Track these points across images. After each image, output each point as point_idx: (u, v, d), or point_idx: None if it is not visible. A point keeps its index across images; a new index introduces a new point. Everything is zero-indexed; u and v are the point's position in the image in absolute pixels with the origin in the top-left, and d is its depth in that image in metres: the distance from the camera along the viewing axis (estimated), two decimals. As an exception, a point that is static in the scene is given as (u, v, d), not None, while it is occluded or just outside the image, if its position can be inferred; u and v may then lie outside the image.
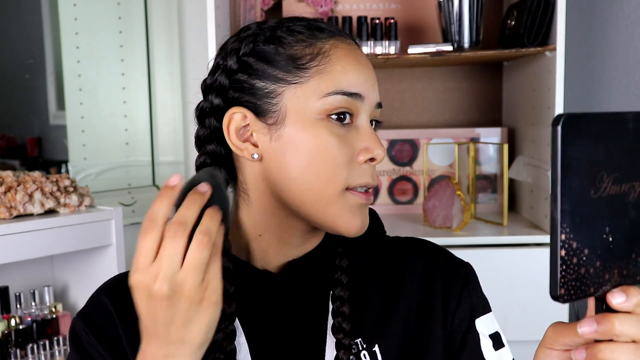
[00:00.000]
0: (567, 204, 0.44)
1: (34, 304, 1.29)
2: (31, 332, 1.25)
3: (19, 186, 1.17)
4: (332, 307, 0.68)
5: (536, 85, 1.47)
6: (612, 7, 1.47)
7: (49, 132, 1.59)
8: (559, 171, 0.43)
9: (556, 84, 1.33)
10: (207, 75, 0.71)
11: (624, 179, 0.47)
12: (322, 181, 0.64)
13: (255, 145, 0.67)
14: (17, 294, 1.27)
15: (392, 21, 1.47)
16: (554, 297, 0.45)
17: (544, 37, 1.39)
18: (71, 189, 1.25)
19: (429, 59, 1.47)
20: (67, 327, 1.28)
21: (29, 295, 1.29)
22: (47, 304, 1.30)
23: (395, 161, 1.68)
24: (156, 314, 0.53)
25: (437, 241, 0.78)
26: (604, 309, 0.48)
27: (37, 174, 1.22)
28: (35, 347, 1.24)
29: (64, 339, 1.29)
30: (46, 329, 1.27)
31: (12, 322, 1.22)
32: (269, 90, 0.66)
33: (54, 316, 1.30)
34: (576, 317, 1.47)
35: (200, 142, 0.70)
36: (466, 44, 1.43)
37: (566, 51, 1.34)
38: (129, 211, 1.62)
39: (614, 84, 1.47)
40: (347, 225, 0.66)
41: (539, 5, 1.35)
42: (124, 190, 1.67)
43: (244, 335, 0.68)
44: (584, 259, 0.45)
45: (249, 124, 0.67)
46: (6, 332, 1.21)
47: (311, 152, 0.64)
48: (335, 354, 0.66)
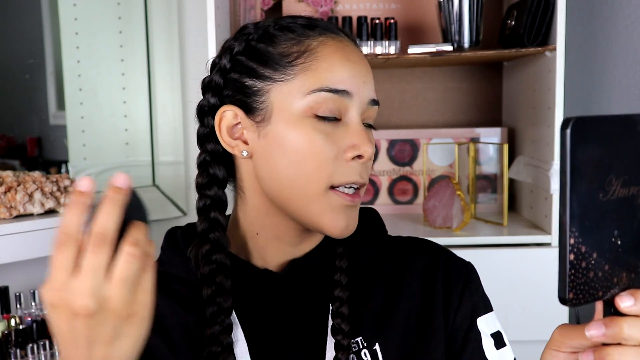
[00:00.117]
0: (576, 208, 0.44)
1: (34, 304, 1.29)
2: (31, 332, 1.25)
3: (19, 186, 1.17)
4: (332, 307, 0.68)
5: (536, 85, 1.47)
6: (612, 7, 1.47)
7: (49, 132, 1.59)
8: (568, 175, 0.43)
9: (556, 84, 1.33)
10: (207, 74, 0.72)
11: (632, 182, 0.46)
12: (305, 178, 0.64)
13: (245, 142, 0.67)
14: (17, 294, 1.27)
15: (392, 21, 1.47)
16: (563, 301, 0.45)
17: (544, 37, 1.39)
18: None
19: (429, 59, 1.47)
20: (67, 327, 1.28)
21: (29, 295, 1.29)
22: (47, 304, 1.30)
23: (395, 161, 1.68)
24: (78, 332, 0.48)
25: (437, 241, 0.78)
26: (612, 312, 0.48)
27: (37, 174, 1.22)
28: (35, 347, 1.23)
29: (64, 339, 1.28)
30: (46, 329, 1.27)
31: (12, 322, 1.22)
32: (257, 88, 0.66)
33: (54, 316, 1.30)
34: (576, 317, 1.47)
35: (200, 140, 0.71)
36: (466, 44, 1.43)
37: (566, 51, 1.34)
38: (129, 211, 1.62)
39: (614, 84, 1.47)
40: (330, 225, 0.65)
41: (539, 5, 1.35)
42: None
43: (241, 330, 0.68)
44: (593, 262, 0.45)
45: (240, 122, 0.67)
46: (6, 332, 1.21)
47: (295, 149, 0.64)
48: (334, 354, 0.66)
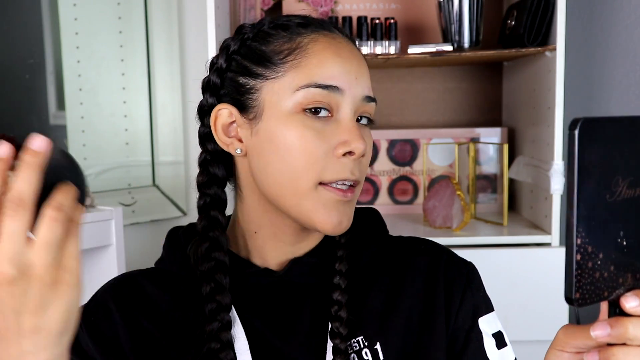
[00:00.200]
0: (583, 208, 0.44)
1: None
2: (31, 332, 1.25)
3: (19, 186, 1.17)
4: (331, 311, 0.68)
5: (536, 85, 1.47)
6: (612, 7, 1.47)
7: (49, 132, 1.59)
8: (575, 176, 0.43)
9: (556, 84, 1.33)
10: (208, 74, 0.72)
11: (638, 183, 0.46)
12: (295, 174, 0.64)
13: (240, 140, 0.68)
14: (17, 294, 1.27)
15: (392, 21, 1.47)
16: (569, 300, 0.45)
17: (544, 37, 1.39)
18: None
19: (429, 59, 1.47)
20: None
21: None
22: (47, 304, 1.30)
23: (395, 161, 1.68)
24: (3, 302, 0.46)
25: (437, 241, 0.79)
26: (617, 312, 0.48)
27: (37, 174, 1.22)
28: (35, 347, 1.23)
29: (64, 339, 1.28)
30: None
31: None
32: (250, 86, 0.67)
33: (54, 316, 1.29)
34: (576, 317, 1.47)
35: (201, 140, 0.72)
36: (466, 44, 1.43)
37: (566, 51, 1.34)
38: (129, 211, 1.62)
39: (614, 84, 1.47)
40: (322, 221, 0.65)
41: (539, 5, 1.35)
42: (124, 190, 1.66)
43: (242, 327, 0.68)
44: (599, 263, 0.45)
45: (235, 121, 0.68)
46: (6, 332, 1.21)
47: (285, 146, 0.64)
48: (332, 357, 0.66)
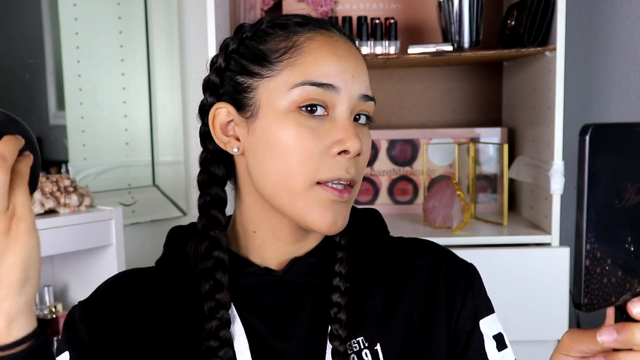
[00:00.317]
0: (593, 214, 0.44)
1: (34, 304, 1.29)
2: (31, 332, 1.25)
3: (19, 186, 1.17)
4: (330, 313, 0.68)
5: (536, 85, 1.47)
6: (612, 7, 1.47)
7: (49, 132, 1.59)
8: (585, 181, 0.43)
9: (556, 84, 1.33)
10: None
11: None
12: (290, 173, 0.64)
13: (237, 139, 0.68)
14: (17, 294, 1.27)
15: (392, 21, 1.47)
16: (578, 306, 0.45)
17: (544, 37, 1.39)
18: (71, 189, 1.25)
19: (429, 59, 1.47)
20: (67, 327, 1.28)
21: (29, 295, 1.29)
22: (47, 304, 1.30)
23: (395, 161, 1.68)
24: None
25: (437, 241, 0.78)
26: (623, 317, 0.48)
27: (37, 174, 1.22)
28: (35, 347, 1.23)
29: (64, 339, 1.29)
30: (46, 328, 1.27)
31: (12, 322, 1.22)
32: (246, 85, 0.67)
33: (54, 316, 1.29)
34: (576, 319, 1.47)
35: (202, 139, 0.72)
36: (466, 44, 1.43)
37: (566, 51, 1.34)
38: (129, 211, 1.62)
39: (614, 84, 1.47)
40: (317, 220, 0.64)
41: (539, 5, 1.35)
42: (124, 190, 1.66)
43: (241, 325, 0.68)
44: (607, 268, 0.45)
45: (233, 119, 0.68)
46: (6, 332, 1.21)
47: (280, 144, 0.64)
48: (331, 359, 0.66)
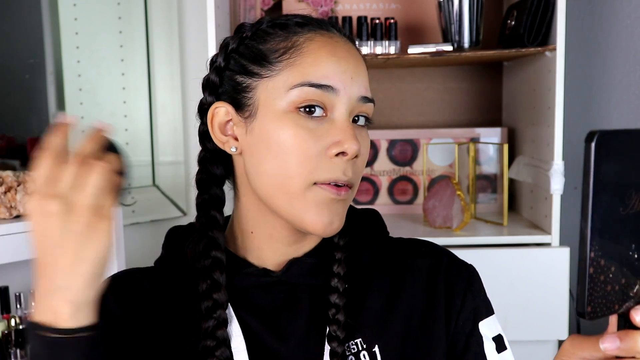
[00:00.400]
0: (597, 221, 0.43)
1: (34, 304, 1.29)
2: (31, 332, 1.25)
3: (19, 186, 1.17)
4: (328, 314, 0.68)
5: (536, 85, 1.47)
6: (612, 7, 1.47)
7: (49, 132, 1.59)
8: (591, 188, 0.43)
9: (556, 84, 1.33)
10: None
11: None
12: (287, 174, 0.63)
13: (236, 139, 0.68)
14: (17, 294, 1.27)
15: (392, 21, 1.47)
16: (581, 314, 0.45)
17: (544, 37, 1.39)
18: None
19: (429, 59, 1.47)
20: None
21: (29, 295, 1.29)
22: (47, 304, 1.30)
23: (395, 161, 1.68)
24: (48, 234, 0.55)
25: (437, 241, 0.78)
26: (626, 325, 0.47)
27: (37, 174, 1.22)
28: (35, 347, 1.23)
29: (64, 339, 1.29)
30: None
31: (12, 322, 1.22)
32: (245, 84, 0.67)
33: (54, 316, 1.30)
34: (576, 319, 1.48)
35: (201, 138, 0.72)
36: (466, 44, 1.43)
37: (566, 51, 1.34)
38: (129, 211, 1.62)
39: (614, 84, 1.47)
40: (312, 221, 0.64)
41: (539, 5, 1.35)
42: (124, 190, 1.66)
43: (239, 325, 0.67)
44: (611, 276, 0.45)
45: (231, 119, 0.68)
46: (6, 332, 1.21)
47: (277, 145, 0.64)
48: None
